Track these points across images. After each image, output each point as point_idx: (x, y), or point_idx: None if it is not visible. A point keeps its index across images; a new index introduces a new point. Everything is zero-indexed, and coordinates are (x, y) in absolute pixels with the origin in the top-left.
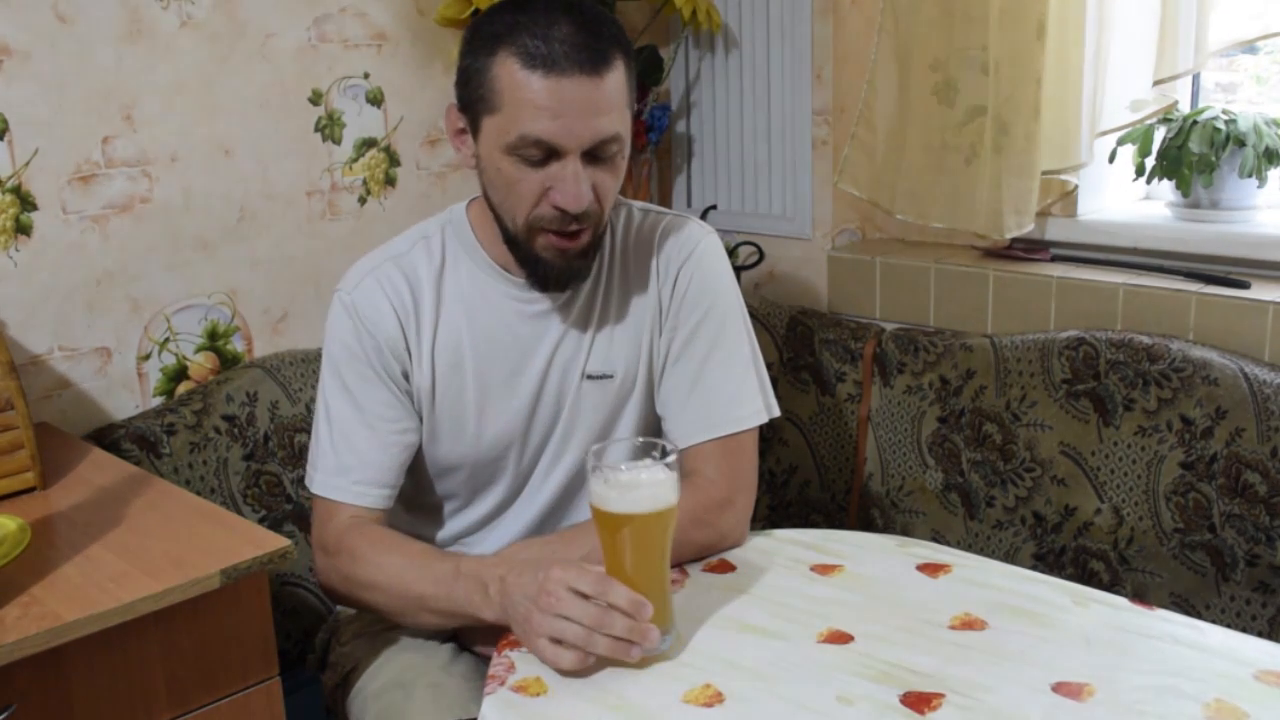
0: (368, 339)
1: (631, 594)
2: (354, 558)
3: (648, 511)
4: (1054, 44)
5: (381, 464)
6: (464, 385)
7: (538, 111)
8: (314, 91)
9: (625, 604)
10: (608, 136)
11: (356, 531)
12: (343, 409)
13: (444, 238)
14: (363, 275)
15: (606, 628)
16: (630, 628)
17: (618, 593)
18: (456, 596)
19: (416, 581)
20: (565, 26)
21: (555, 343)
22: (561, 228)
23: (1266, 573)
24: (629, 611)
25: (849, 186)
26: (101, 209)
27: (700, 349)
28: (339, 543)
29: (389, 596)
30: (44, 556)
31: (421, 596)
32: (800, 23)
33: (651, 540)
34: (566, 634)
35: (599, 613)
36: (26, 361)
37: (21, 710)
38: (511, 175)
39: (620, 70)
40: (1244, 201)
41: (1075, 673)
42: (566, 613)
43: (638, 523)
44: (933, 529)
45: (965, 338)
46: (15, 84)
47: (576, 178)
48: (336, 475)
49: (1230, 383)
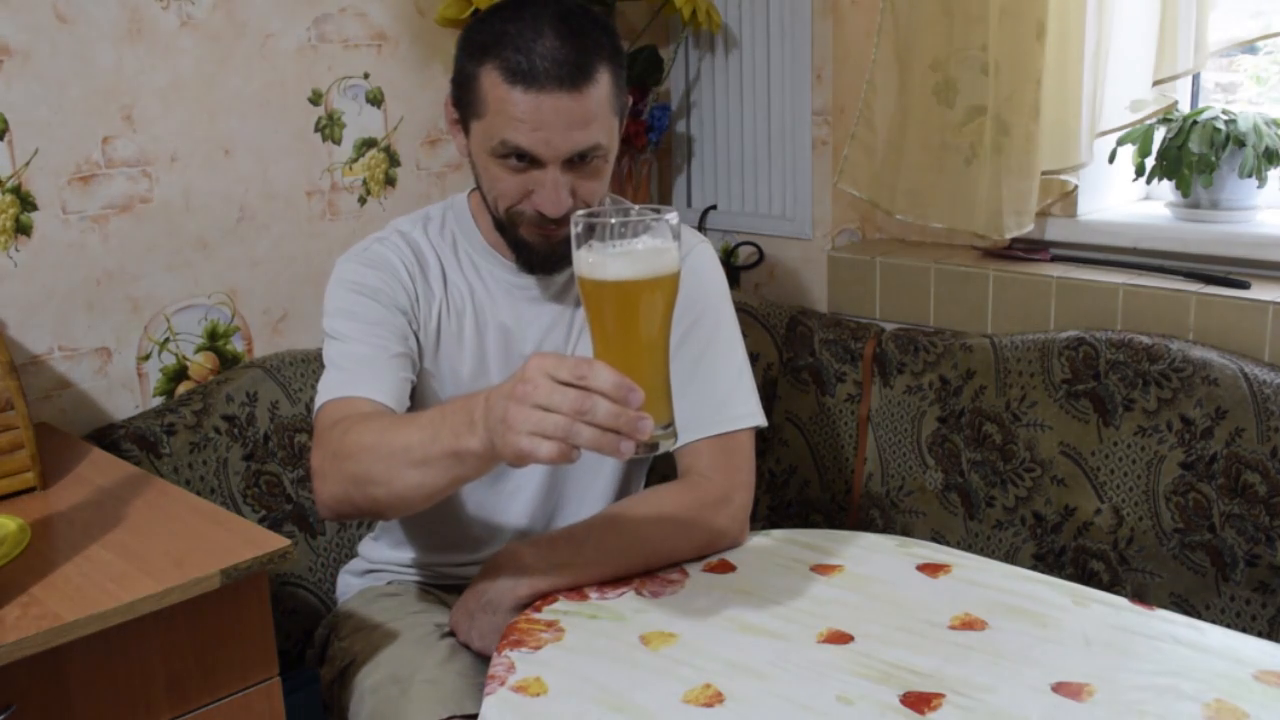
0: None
1: (618, 377)
2: (343, 433)
3: (640, 278)
4: (1054, 44)
5: (381, 372)
6: (463, 356)
7: (518, 124)
8: (314, 91)
9: (610, 388)
10: (587, 148)
11: (346, 409)
12: (345, 329)
13: (445, 221)
14: (370, 242)
15: (589, 414)
16: (616, 413)
17: (601, 376)
18: (442, 434)
19: (401, 432)
20: (550, 40)
21: (546, 328)
22: (541, 225)
23: (1266, 573)
24: (615, 397)
25: (849, 186)
26: (101, 209)
27: (693, 351)
28: (331, 427)
29: (375, 458)
30: (44, 556)
31: (406, 445)
32: (800, 23)
33: (645, 313)
34: (545, 425)
35: (579, 396)
36: (26, 361)
37: (21, 710)
38: (495, 174)
39: (605, 82)
40: (1244, 201)
41: (1075, 673)
42: (545, 402)
43: (628, 290)
44: (933, 529)
45: (965, 338)
46: (15, 84)
47: (556, 185)
48: (336, 382)
49: (1230, 383)
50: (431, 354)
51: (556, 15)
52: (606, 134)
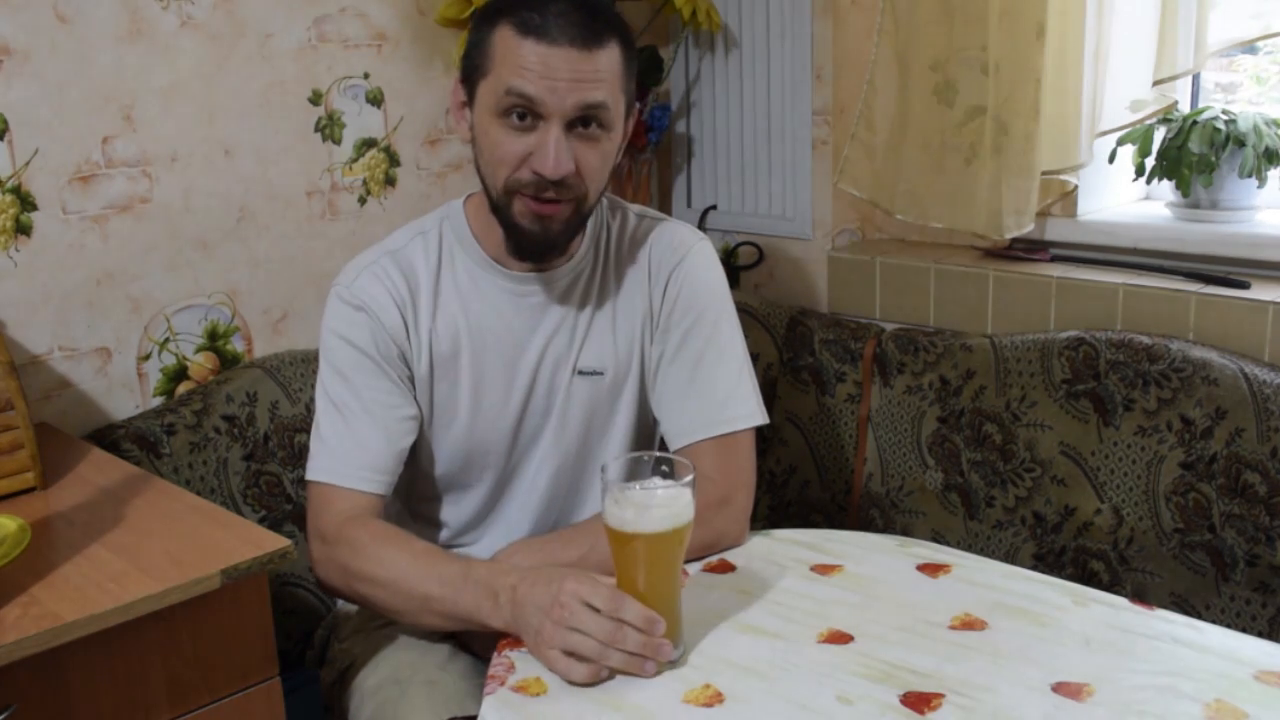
0: (366, 329)
1: (645, 610)
2: (354, 549)
3: (663, 531)
4: (1054, 44)
5: (381, 450)
6: (459, 375)
7: (526, 71)
8: (314, 91)
9: (639, 620)
10: (593, 103)
11: (357, 523)
12: (342, 397)
13: (441, 232)
14: (359, 270)
15: (620, 643)
16: (644, 643)
17: (631, 609)
18: (464, 601)
19: (422, 581)
20: (564, 3)
21: (548, 336)
22: (537, 193)
23: (1266, 573)
24: (642, 628)
25: (849, 186)
26: (101, 209)
27: (694, 351)
28: (338, 532)
29: (391, 594)
30: (44, 556)
31: (427, 597)
32: (800, 23)
33: (666, 557)
34: (580, 647)
35: (613, 628)
36: (26, 361)
37: (21, 710)
38: (497, 138)
39: (615, 52)
40: (1244, 201)
41: (1075, 673)
42: (580, 626)
43: (653, 541)
44: (933, 529)
45: (965, 338)
46: (15, 84)
47: (557, 144)
48: (335, 461)
49: (1230, 383)
50: (425, 383)
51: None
52: (613, 100)
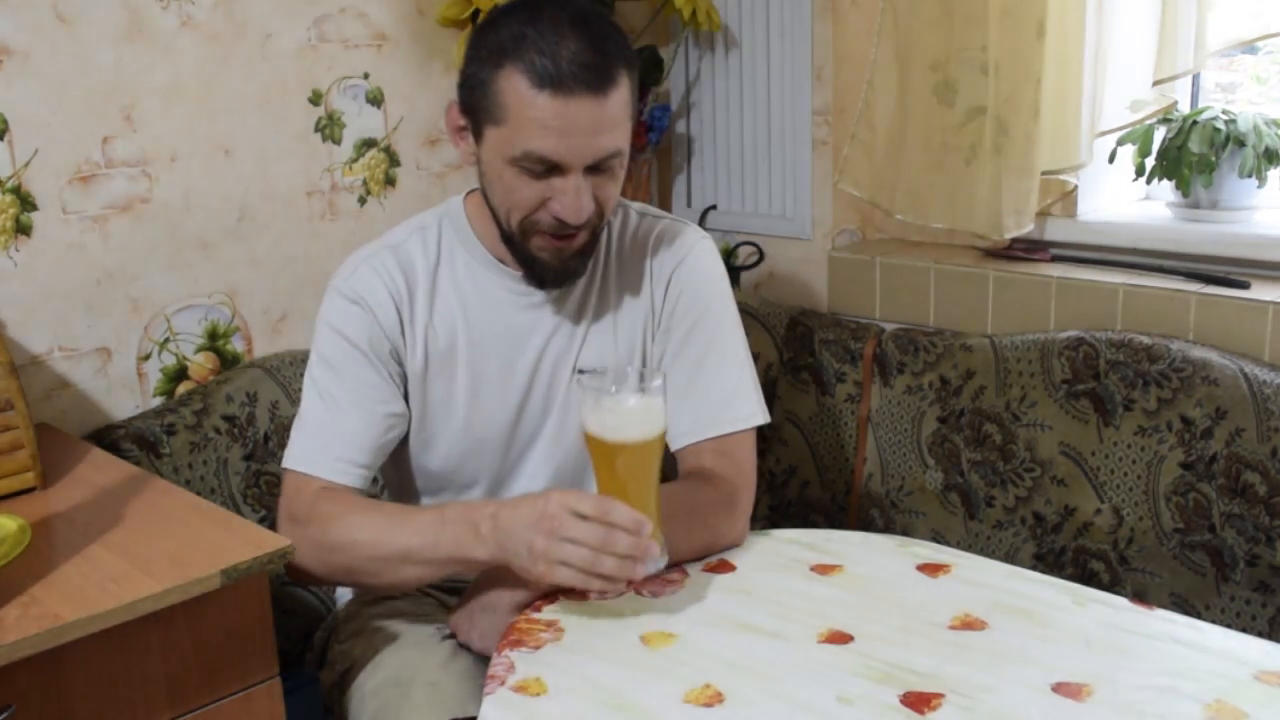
0: (360, 322)
1: (632, 512)
2: (327, 522)
3: (644, 439)
4: (1054, 44)
5: (361, 443)
6: (456, 373)
7: (544, 130)
8: (314, 91)
9: (627, 522)
10: (610, 153)
11: (327, 498)
12: (329, 387)
13: (440, 229)
14: (358, 264)
15: (611, 546)
16: (633, 544)
17: (619, 512)
18: (444, 542)
19: (398, 535)
20: (573, 43)
21: (548, 335)
22: (558, 232)
23: (1266, 573)
24: (631, 529)
25: (849, 186)
26: (101, 209)
27: (695, 351)
28: (310, 510)
29: (369, 555)
30: (44, 556)
31: (405, 549)
32: (800, 23)
33: (646, 462)
34: (573, 557)
35: (603, 532)
36: (26, 361)
37: (21, 710)
38: (512, 184)
39: (625, 86)
40: (1244, 201)
41: (1075, 673)
42: (571, 535)
43: (634, 448)
44: (933, 529)
45: (965, 338)
46: (15, 84)
47: (578, 192)
48: (311, 449)
49: (1230, 383)
50: (420, 379)
51: (574, 17)
52: (625, 138)
